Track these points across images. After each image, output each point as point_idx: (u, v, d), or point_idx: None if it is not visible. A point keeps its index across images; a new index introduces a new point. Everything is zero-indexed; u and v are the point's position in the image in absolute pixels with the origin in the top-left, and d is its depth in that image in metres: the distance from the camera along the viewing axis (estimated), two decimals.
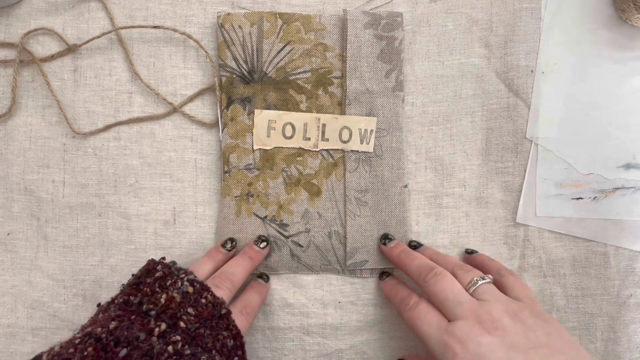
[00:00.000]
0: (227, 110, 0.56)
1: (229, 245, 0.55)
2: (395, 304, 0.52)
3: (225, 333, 0.46)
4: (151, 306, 0.45)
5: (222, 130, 0.56)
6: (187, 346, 0.43)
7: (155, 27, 0.56)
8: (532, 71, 0.58)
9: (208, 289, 0.47)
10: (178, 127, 0.58)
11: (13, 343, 0.57)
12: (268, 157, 0.56)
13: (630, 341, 0.58)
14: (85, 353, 0.39)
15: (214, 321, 0.46)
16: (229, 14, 0.56)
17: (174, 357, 0.41)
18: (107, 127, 0.57)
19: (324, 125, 0.56)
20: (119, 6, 0.57)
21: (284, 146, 0.56)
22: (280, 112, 0.56)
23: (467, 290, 0.47)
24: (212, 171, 0.58)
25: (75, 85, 0.57)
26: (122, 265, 0.57)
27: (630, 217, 0.58)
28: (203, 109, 0.58)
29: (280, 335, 0.57)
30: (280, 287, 0.58)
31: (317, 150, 0.56)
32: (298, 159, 0.57)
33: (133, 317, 0.43)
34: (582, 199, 0.58)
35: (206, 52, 0.57)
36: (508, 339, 0.43)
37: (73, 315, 0.57)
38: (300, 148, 0.56)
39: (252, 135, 0.56)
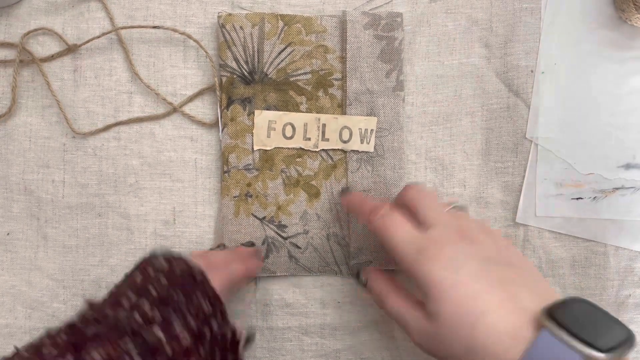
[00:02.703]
0: (227, 110, 0.56)
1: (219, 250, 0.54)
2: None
3: (199, 295, 0.44)
4: (124, 285, 0.45)
5: (222, 130, 0.56)
6: (156, 309, 0.41)
7: (155, 27, 0.56)
8: (532, 71, 0.58)
9: (184, 260, 0.46)
10: (178, 127, 0.58)
11: (10, 343, 0.57)
12: (267, 157, 0.56)
13: None
14: (59, 339, 0.39)
15: (188, 285, 0.44)
16: (230, 14, 0.56)
17: (142, 323, 0.40)
18: (107, 127, 0.57)
19: (324, 125, 0.56)
20: (118, 6, 0.57)
21: (284, 146, 0.56)
22: (280, 112, 0.56)
23: None
24: (212, 171, 0.58)
25: (75, 85, 0.57)
26: (122, 265, 0.57)
27: (630, 217, 0.58)
28: (203, 109, 0.58)
29: (278, 335, 0.58)
30: (280, 287, 0.58)
31: (317, 150, 0.56)
32: (297, 160, 0.57)
33: (107, 299, 0.44)
34: (582, 199, 0.58)
35: (206, 52, 0.57)
36: (483, 252, 0.42)
37: (72, 315, 0.57)
38: (301, 148, 0.56)
39: (252, 135, 0.56)
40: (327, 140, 0.56)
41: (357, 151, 0.56)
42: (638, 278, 0.58)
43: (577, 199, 0.58)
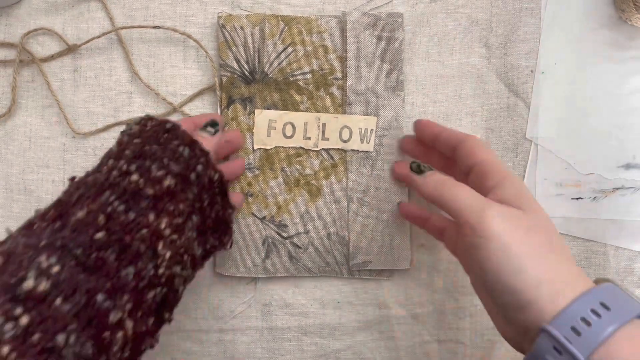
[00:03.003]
0: (228, 110, 0.56)
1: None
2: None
3: (175, 142, 0.44)
4: (102, 155, 0.45)
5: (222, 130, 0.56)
6: (132, 164, 0.42)
7: (155, 27, 0.56)
8: (532, 71, 0.58)
9: (152, 118, 0.47)
10: None
11: None
12: (268, 157, 0.56)
13: None
14: (47, 215, 0.40)
15: (160, 137, 0.45)
16: (230, 15, 0.56)
17: (120, 177, 0.41)
18: (107, 127, 0.57)
19: (324, 124, 0.56)
20: (118, 6, 0.57)
21: (284, 146, 0.56)
22: (281, 111, 0.56)
23: None
24: None
25: (75, 85, 0.57)
26: None
27: (630, 217, 0.58)
28: (203, 109, 0.58)
29: (278, 335, 0.58)
30: (280, 287, 0.58)
31: (317, 149, 0.56)
32: (298, 159, 0.57)
33: (88, 172, 0.44)
34: (581, 199, 0.58)
35: (206, 52, 0.57)
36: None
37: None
38: (301, 147, 0.56)
39: (253, 135, 0.56)
40: (327, 139, 0.56)
41: (357, 151, 0.56)
42: (638, 278, 0.58)
43: (577, 199, 0.58)
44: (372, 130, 0.56)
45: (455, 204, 0.43)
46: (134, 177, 0.41)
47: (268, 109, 0.56)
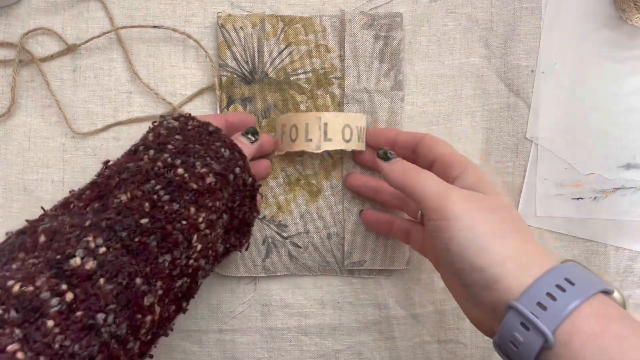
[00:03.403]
0: (227, 110, 0.56)
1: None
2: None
3: (218, 143, 0.46)
4: (140, 142, 0.46)
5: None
6: (177, 158, 0.43)
7: (154, 27, 0.56)
8: (532, 71, 0.58)
9: (193, 118, 0.48)
10: None
11: None
12: (267, 156, 0.56)
13: None
14: (83, 195, 0.41)
15: (203, 138, 0.46)
16: (230, 15, 0.56)
17: (166, 168, 0.42)
18: (107, 127, 0.57)
19: (325, 124, 0.53)
20: (118, 6, 0.57)
21: (291, 150, 0.54)
22: (288, 115, 0.55)
23: None
24: None
25: (75, 85, 0.57)
26: None
27: (630, 217, 0.58)
28: (203, 109, 0.58)
29: (277, 335, 0.57)
30: (280, 287, 0.58)
31: (319, 151, 0.53)
32: (298, 159, 0.57)
33: (124, 157, 0.46)
34: (582, 199, 0.58)
35: (206, 52, 0.57)
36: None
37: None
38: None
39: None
40: (330, 140, 0.53)
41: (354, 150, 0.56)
42: (638, 278, 0.58)
43: (578, 199, 0.58)
44: (363, 127, 0.55)
45: (419, 189, 0.43)
46: (180, 170, 0.42)
47: (268, 109, 0.56)
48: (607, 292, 0.38)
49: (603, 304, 0.36)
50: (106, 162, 0.45)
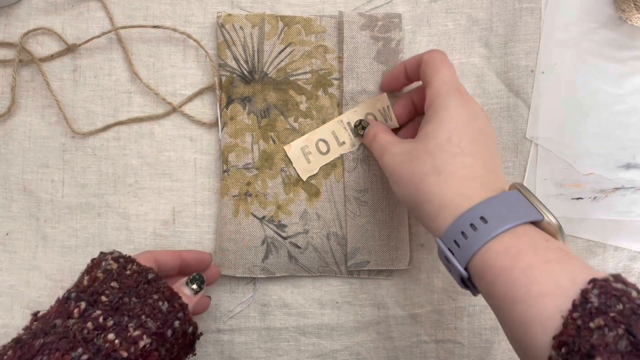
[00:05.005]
0: (227, 109, 0.56)
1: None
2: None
3: (155, 296, 0.43)
4: (72, 289, 0.43)
5: (222, 129, 0.56)
6: (109, 318, 0.40)
7: (154, 26, 0.56)
8: (532, 71, 0.58)
9: (133, 261, 0.45)
10: (177, 126, 0.58)
11: None
12: (267, 156, 0.56)
13: None
14: (5, 357, 0.38)
15: (141, 288, 0.43)
16: (229, 14, 0.56)
17: (96, 331, 0.39)
18: (107, 127, 0.57)
19: (348, 123, 0.56)
20: (118, 6, 0.57)
21: (326, 162, 0.57)
22: (306, 135, 0.57)
23: None
24: (212, 171, 0.58)
25: (75, 85, 0.57)
26: None
27: (630, 217, 0.58)
28: (202, 109, 0.58)
29: (275, 335, 0.58)
30: (279, 287, 0.58)
31: (356, 147, 0.57)
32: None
33: (54, 307, 0.42)
34: (582, 199, 0.58)
35: (206, 51, 0.57)
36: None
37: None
38: (342, 156, 0.57)
39: (295, 169, 0.57)
40: (360, 134, 0.55)
41: (353, 151, 0.56)
42: (636, 278, 0.58)
43: (577, 199, 0.58)
44: (388, 106, 0.55)
45: (373, 152, 0.52)
46: (110, 336, 0.39)
47: (267, 108, 0.56)
48: (535, 222, 0.41)
49: (515, 237, 0.39)
50: (35, 314, 0.42)
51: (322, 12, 0.58)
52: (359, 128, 0.55)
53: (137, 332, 0.40)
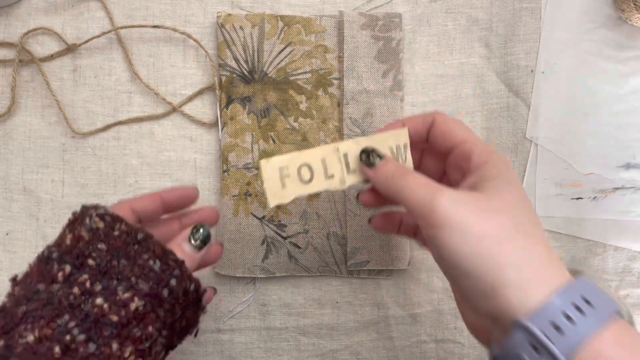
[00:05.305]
0: (227, 109, 0.56)
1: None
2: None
3: (145, 256, 0.39)
4: (53, 248, 0.39)
5: (222, 129, 0.56)
6: (97, 282, 0.37)
7: (154, 26, 0.56)
8: (532, 71, 0.58)
9: (121, 220, 0.40)
10: (177, 126, 0.58)
11: None
12: (267, 156, 0.56)
13: None
14: None
15: (130, 249, 0.39)
16: (229, 14, 0.56)
17: (83, 296, 0.36)
18: (107, 127, 0.57)
19: (345, 155, 0.44)
20: (118, 6, 0.57)
21: (304, 193, 0.44)
22: (290, 154, 0.44)
23: None
24: (212, 171, 0.58)
25: (75, 85, 0.57)
26: None
27: (630, 217, 0.58)
28: (202, 109, 0.58)
29: (275, 335, 0.58)
30: (279, 287, 0.58)
31: (344, 188, 0.45)
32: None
33: (35, 268, 0.39)
34: (581, 198, 0.58)
35: (206, 51, 0.57)
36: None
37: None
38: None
39: (265, 190, 0.43)
40: (354, 171, 0.45)
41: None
42: (636, 278, 0.58)
43: (577, 198, 0.58)
44: (405, 145, 0.46)
45: (404, 196, 0.39)
46: (98, 300, 0.36)
47: (267, 108, 0.56)
48: (619, 312, 0.35)
49: (622, 328, 0.34)
50: (14, 279, 0.39)
51: (322, 11, 0.58)
52: (373, 156, 0.43)
53: (126, 295, 0.37)
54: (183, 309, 0.41)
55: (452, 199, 0.37)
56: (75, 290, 0.36)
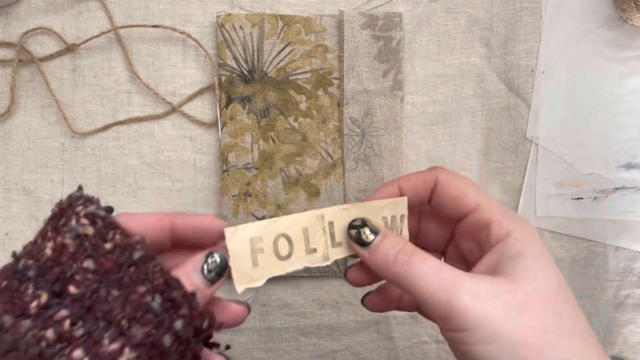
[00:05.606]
0: (227, 109, 0.56)
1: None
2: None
3: (142, 288, 0.29)
4: (30, 262, 0.30)
5: (221, 129, 0.56)
6: (79, 322, 0.28)
7: (154, 26, 0.56)
8: (532, 71, 0.58)
9: (116, 226, 0.31)
10: (177, 126, 0.58)
11: None
12: (267, 156, 0.56)
13: (626, 342, 0.58)
14: None
15: (124, 273, 0.30)
16: (229, 14, 0.56)
17: (58, 344, 0.27)
18: (106, 127, 0.57)
19: (330, 223, 0.38)
20: (118, 5, 0.57)
21: (281, 273, 0.36)
22: (265, 222, 0.36)
23: None
24: (212, 171, 0.58)
25: (74, 84, 0.57)
26: None
27: (630, 217, 0.58)
28: (202, 109, 0.58)
29: (276, 335, 0.57)
30: (279, 287, 0.58)
31: (328, 263, 0.38)
32: (297, 158, 0.57)
33: (4, 283, 0.30)
34: (582, 199, 0.58)
35: (205, 51, 0.57)
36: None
37: None
38: (306, 269, 0.38)
39: (231, 267, 0.34)
40: (340, 244, 0.38)
41: (355, 151, 0.56)
42: (637, 278, 0.58)
43: (578, 199, 0.58)
44: (402, 216, 0.40)
45: (413, 289, 0.32)
46: (77, 353, 0.27)
47: (267, 108, 0.56)
48: None
49: None
50: None
51: (322, 11, 0.58)
52: (365, 233, 0.36)
53: (114, 346, 0.28)
54: (194, 351, 0.32)
55: (476, 295, 0.31)
56: (49, 333, 0.27)
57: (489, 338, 0.30)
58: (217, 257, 0.33)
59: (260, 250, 0.35)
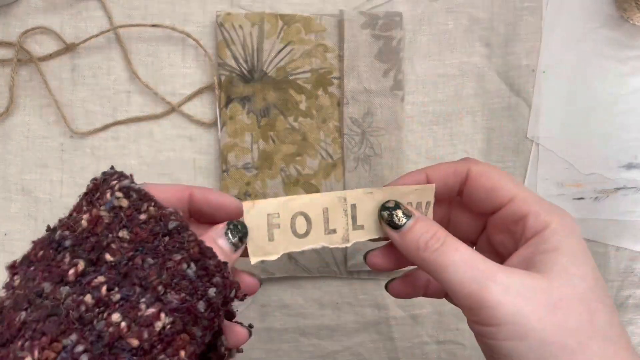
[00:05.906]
0: (226, 109, 0.56)
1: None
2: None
3: (177, 256, 0.31)
4: (66, 233, 0.31)
5: (221, 129, 0.56)
6: (115, 288, 0.29)
7: (153, 25, 0.56)
8: (533, 70, 0.58)
9: (150, 198, 0.33)
10: (176, 126, 0.57)
11: None
12: (267, 156, 0.56)
13: None
14: None
15: (160, 242, 0.31)
16: (229, 13, 0.56)
17: (97, 308, 0.29)
18: (105, 127, 0.57)
19: (353, 206, 0.38)
20: (117, 5, 0.57)
21: (296, 250, 0.38)
22: (283, 198, 0.38)
23: None
24: (211, 171, 0.57)
25: (73, 84, 0.57)
26: None
27: (631, 217, 0.58)
28: (202, 109, 0.58)
29: (275, 336, 0.57)
30: (279, 288, 0.57)
31: (347, 245, 0.39)
32: (297, 158, 0.56)
33: (41, 253, 0.31)
34: (583, 199, 0.58)
35: (205, 51, 0.57)
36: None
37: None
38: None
39: (247, 240, 0.37)
40: (361, 227, 0.39)
41: (355, 150, 0.56)
42: (638, 279, 0.58)
43: (579, 199, 0.58)
44: (428, 203, 0.40)
45: (443, 277, 0.32)
46: (115, 316, 0.28)
47: (267, 108, 0.56)
48: None
49: None
50: (12, 265, 0.32)
51: (322, 10, 0.57)
52: (398, 215, 0.36)
53: (151, 310, 0.29)
54: (222, 318, 0.34)
55: (508, 289, 0.30)
56: (88, 298, 0.29)
57: (519, 335, 0.29)
58: (238, 224, 0.35)
59: (277, 225, 0.37)
